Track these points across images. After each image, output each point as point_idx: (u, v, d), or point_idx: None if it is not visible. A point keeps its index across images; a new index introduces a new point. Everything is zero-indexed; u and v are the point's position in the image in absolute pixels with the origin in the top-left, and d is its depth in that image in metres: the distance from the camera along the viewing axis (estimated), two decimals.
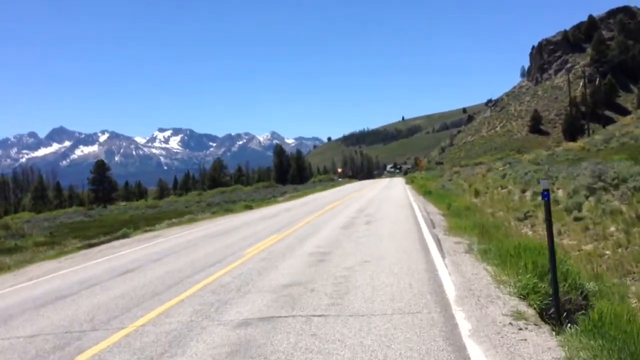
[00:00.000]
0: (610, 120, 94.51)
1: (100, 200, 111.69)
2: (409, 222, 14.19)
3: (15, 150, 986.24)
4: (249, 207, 27.73)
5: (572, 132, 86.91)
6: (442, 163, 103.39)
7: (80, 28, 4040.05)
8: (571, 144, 34.47)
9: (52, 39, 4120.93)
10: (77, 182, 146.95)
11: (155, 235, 17.69)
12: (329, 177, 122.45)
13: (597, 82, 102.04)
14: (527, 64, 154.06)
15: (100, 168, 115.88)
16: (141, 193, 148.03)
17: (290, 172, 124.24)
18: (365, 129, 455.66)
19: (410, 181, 54.85)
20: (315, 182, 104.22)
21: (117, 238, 18.02)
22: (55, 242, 20.64)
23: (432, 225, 13.42)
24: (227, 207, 27.63)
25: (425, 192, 27.22)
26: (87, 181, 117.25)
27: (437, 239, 10.89)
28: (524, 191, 17.38)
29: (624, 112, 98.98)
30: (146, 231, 19.98)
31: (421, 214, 16.47)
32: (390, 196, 28.66)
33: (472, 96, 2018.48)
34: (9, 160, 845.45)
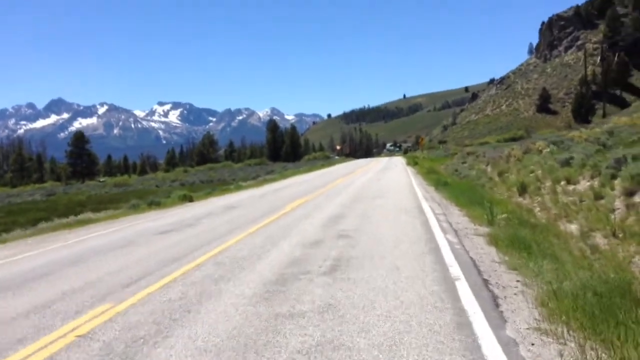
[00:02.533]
0: (623, 101, 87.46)
1: (79, 174, 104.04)
2: (428, 271, 6.27)
3: (13, 121, 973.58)
4: (187, 199, 19.72)
5: (583, 112, 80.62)
6: (445, 142, 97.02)
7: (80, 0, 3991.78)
8: (623, 119, 26.79)
9: (51, 9, 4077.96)
10: None
11: None
12: (324, 155, 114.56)
13: (613, 60, 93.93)
14: (535, 41, 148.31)
15: (79, 141, 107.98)
16: (126, 167, 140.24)
17: (284, 148, 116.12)
18: (366, 107, 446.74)
19: (412, 162, 45.96)
20: (309, 159, 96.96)
21: None
22: None
23: (489, 293, 5.34)
24: (152, 201, 19.24)
25: (438, 182, 19.26)
26: (64, 154, 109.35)
27: None
28: (631, 193, 9.57)
29: (638, 92, 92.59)
30: None
31: (446, 238, 8.45)
32: (389, 186, 20.60)
33: (475, 75, 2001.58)
34: (6, 131, 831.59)
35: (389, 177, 27.77)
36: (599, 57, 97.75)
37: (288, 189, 22.83)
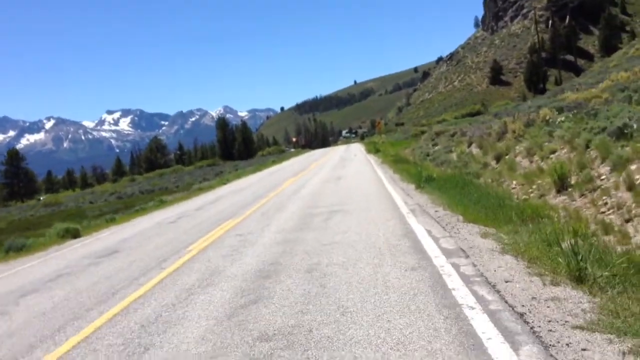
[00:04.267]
0: (573, 65, 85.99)
1: (17, 195, 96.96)
2: None
3: None
4: (71, 235, 14.49)
5: (536, 80, 78.79)
6: (402, 124, 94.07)
7: (17, 13, 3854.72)
8: (623, 74, 23.24)
9: None
10: None
11: None
12: (278, 149, 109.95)
13: (561, 25, 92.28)
14: (480, 14, 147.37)
15: (14, 159, 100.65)
16: (71, 182, 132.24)
17: (235, 146, 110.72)
18: (318, 96, 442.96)
19: (372, 149, 40.72)
20: (263, 155, 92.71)
21: None
22: None
23: None
24: (12, 245, 13.50)
25: (417, 176, 14.63)
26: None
27: None
28: None
29: (586, 55, 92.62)
30: None
31: None
32: (352, 189, 15.02)
33: (423, 55, 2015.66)
34: None
35: (350, 172, 22.71)
36: (549, 23, 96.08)
37: (218, 204, 18.03)
